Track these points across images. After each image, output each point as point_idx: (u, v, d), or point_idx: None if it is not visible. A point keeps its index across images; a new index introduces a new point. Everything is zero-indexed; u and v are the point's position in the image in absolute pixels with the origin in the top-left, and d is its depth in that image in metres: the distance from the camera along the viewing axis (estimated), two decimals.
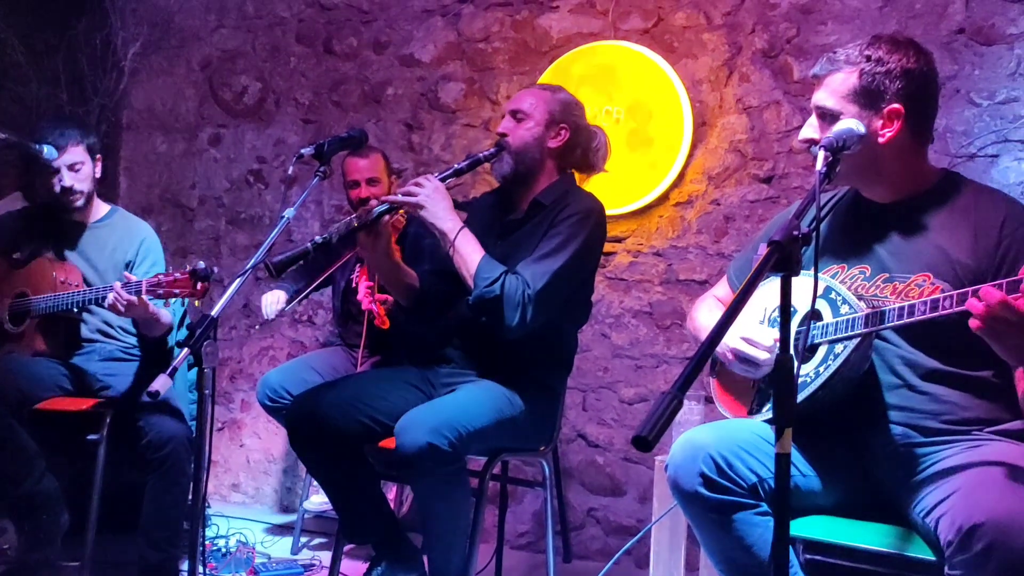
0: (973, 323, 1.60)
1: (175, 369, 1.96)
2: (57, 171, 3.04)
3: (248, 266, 2.15)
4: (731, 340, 1.96)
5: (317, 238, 2.38)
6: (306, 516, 3.70)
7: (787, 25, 3.47)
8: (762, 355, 1.92)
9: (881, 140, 1.87)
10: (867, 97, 1.86)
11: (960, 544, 1.57)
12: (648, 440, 1.18)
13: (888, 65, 1.86)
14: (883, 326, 1.78)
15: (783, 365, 1.44)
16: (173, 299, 2.64)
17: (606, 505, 3.69)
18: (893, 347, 1.88)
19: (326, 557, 3.25)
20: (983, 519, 1.55)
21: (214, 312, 2.04)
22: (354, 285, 3.60)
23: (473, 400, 2.45)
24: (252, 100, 4.43)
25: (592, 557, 3.66)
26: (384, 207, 2.47)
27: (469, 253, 2.47)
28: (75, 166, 3.07)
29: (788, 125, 3.44)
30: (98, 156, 3.16)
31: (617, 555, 2.59)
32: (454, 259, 2.48)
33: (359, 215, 2.46)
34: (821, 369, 1.85)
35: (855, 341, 1.81)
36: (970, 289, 1.64)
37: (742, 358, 1.95)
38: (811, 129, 1.95)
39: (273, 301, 3.57)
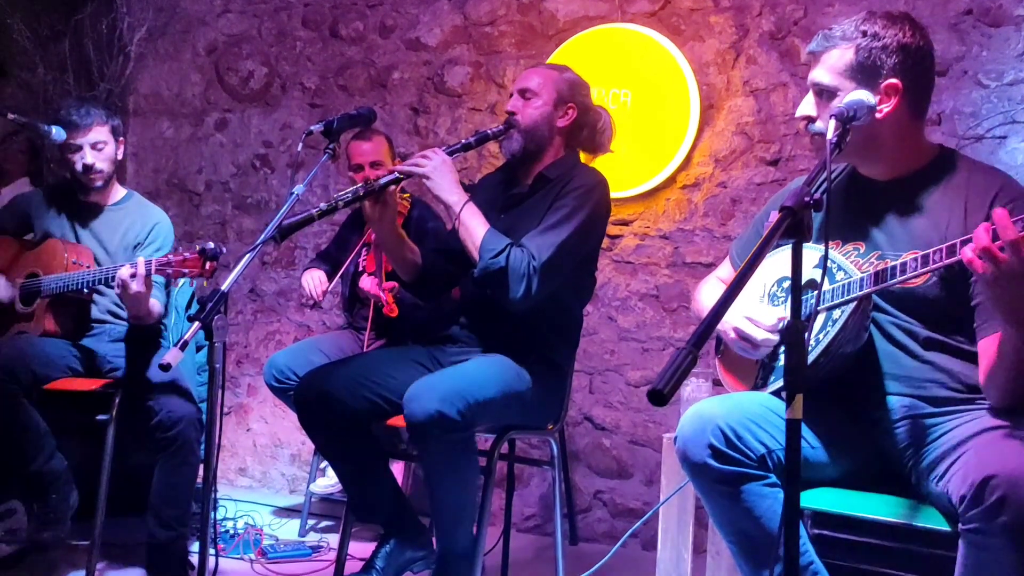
0: (966, 257, 1.59)
1: (186, 343, 1.96)
2: (79, 148, 3.07)
3: (258, 241, 2.15)
4: (733, 318, 1.96)
5: (322, 204, 2.37)
6: (313, 499, 3.72)
7: (794, 7, 3.46)
8: (761, 335, 1.92)
9: (879, 116, 1.86)
10: (864, 73, 1.86)
11: (974, 497, 1.58)
12: (663, 393, 1.17)
13: (884, 40, 1.86)
14: (879, 286, 1.77)
15: (794, 330, 1.44)
16: (182, 279, 2.64)
17: (613, 488, 3.69)
18: (890, 317, 1.89)
19: (333, 539, 3.27)
20: (995, 471, 1.56)
21: (224, 286, 2.04)
22: (361, 269, 3.60)
23: (482, 371, 2.46)
24: (258, 85, 4.43)
25: (599, 540, 3.67)
26: (391, 176, 2.48)
27: (475, 226, 2.48)
28: (98, 145, 3.10)
29: (795, 108, 3.38)
30: (121, 139, 3.19)
31: (624, 536, 2.59)
32: (459, 231, 2.49)
33: (366, 184, 2.47)
34: (821, 336, 1.86)
35: (852, 306, 1.82)
36: (959, 240, 1.63)
37: (743, 336, 1.95)
38: (808, 106, 1.96)
39: (317, 283, 3.53)
